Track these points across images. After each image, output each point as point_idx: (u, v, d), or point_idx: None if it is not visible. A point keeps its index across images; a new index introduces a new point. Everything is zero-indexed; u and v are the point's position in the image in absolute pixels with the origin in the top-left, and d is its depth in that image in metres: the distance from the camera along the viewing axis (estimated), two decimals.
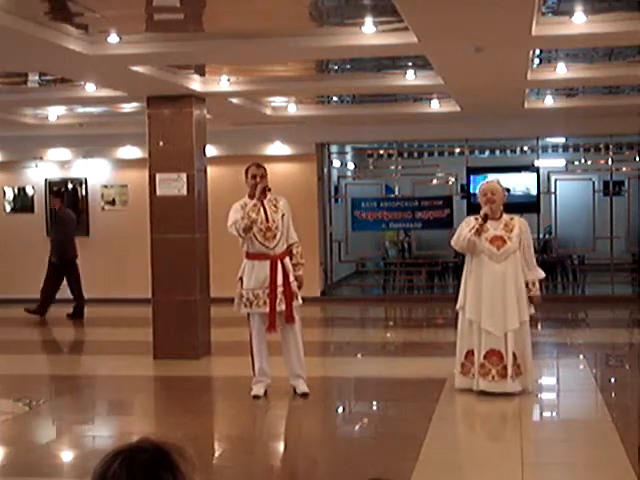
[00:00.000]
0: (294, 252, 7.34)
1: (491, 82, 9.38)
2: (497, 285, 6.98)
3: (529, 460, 5.42)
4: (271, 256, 7.13)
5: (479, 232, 7.04)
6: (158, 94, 9.30)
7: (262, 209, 7.19)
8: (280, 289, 7.11)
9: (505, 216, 7.21)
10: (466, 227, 7.14)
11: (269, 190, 7.25)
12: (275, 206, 7.29)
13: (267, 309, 7.10)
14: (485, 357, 6.97)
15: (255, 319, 7.23)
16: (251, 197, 7.23)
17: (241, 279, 7.23)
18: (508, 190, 13.93)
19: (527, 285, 7.10)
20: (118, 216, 14.69)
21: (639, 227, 14.67)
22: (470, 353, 7.09)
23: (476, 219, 7.17)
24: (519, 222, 7.22)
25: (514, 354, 6.98)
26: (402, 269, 15.13)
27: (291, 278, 7.21)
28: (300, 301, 7.31)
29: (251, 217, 7.05)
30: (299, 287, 7.29)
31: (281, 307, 7.12)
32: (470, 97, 10.67)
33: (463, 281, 7.23)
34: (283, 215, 7.27)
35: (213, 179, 10.96)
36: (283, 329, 7.23)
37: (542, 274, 7.31)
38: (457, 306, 7.22)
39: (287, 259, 7.23)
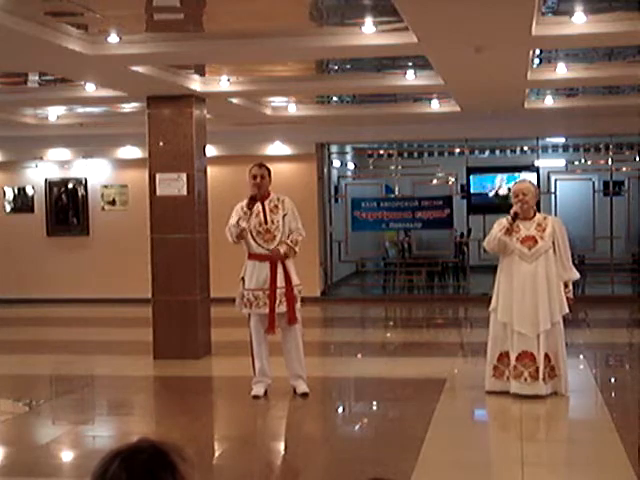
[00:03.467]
0: (288, 241, 7.17)
1: (491, 82, 9.38)
2: (528, 285, 6.90)
3: (529, 460, 5.42)
4: (271, 257, 7.13)
5: (509, 231, 6.98)
6: (158, 94, 9.31)
7: (261, 211, 7.17)
8: (281, 290, 7.10)
9: (538, 215, 7.13)
10: (497, 227, 7.07)
11: (257, 198, 7.14)
12: (276, 206, 7.25)
13: (267, 310, 7.10)
14: (517, 359, 6.90)
15: (255, 320, 7.22)
16: (251, 197, 7.21)
17: (243, 279, 7.22)
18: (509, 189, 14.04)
19: (566, 285, 7.05)
20: (118, 216, 14.70)
21: (639, 227, 14.68)
22: (503, 355, 7.00)
23: (508, 220, 7.13)
24: (553, 221, 7.14)
25: (547, 356, 6.92)
26: (402, 269, 15.13)
27: (293, 280, 7.19)
28: (299, 305, 7.27)
29: (240, 227, 7.05)
30: (286, 254, 7.13)
31: (281, 308, 7.11)
32: (470, 97, 10.67)
33: (496, 283, 7.15)
34: (284, 215, 7.24)
35: (213, 179, 10.96)
36: (283, 330, 7.23)
37: (576, 275, 7.16)
38: (490, 307, 7.14)
39: (289, 260, 7.21)
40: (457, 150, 15.10)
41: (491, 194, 15.22)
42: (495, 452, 6.05)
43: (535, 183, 13.97)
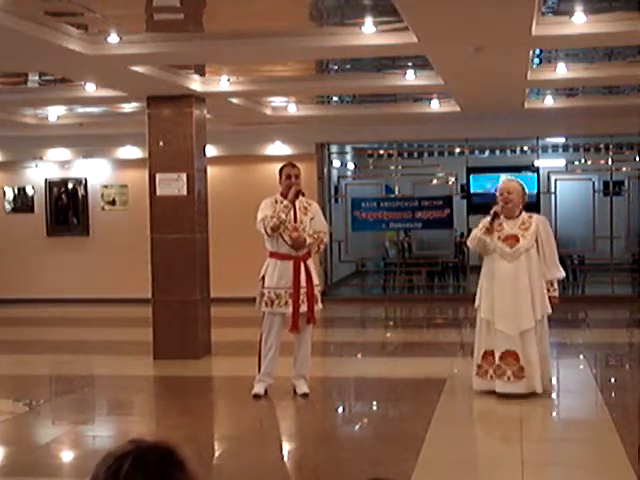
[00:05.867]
0: (315, 236, 7.22)
1: (491, 82, 9.38)
2: (509, 284, 6.91)
3: (529, 460, 5.42)
4: (294, 257, 7.13)
5: (489, 231, 7.00)
6: (158, 94, 9.30)
7: (292, 209, 7.19)
8: (303, 290, 7.11)
9: (524, 215, 7.12)
10: (480, 226, 7.11)
11: (303, 195, 7.26)
12: (306, 209, 7.30)
13: (289, 310, 7.11)
14: (501, 358, 6.92)
15: (275, 319, 7.22)
16: (283, 196, 7.23)
17: (263, 278, 7.21)
18: None
19: (552, 284, 7.02)
20: (118, 216, 14.70)
21: (639, 227, 14.68)
22: (488, 354, 7.01)
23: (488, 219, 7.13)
24: (537, 220, 7.12)
25: (517, 355, 6.90)
26: (402, 269, 15.13)
27: (314, 280, 7.22)
28: (320, 305, 7.34)
29: (280, 217, 7.04)
30: (303, 241, 7.16)
31: (302, 308, 7.13)
32: (470, 97, 10.67)
33: (480, 281, 7.18)
34: (312, 219, 7.27)
35: (213, 179, 10.96)
36: (300, 329, 7.23)
37: (559, 274, 7.13)
38: (475, 305, 7.18)
39: (310, 260, 7.23)
40: (457, 150, 15.09)
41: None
42: (495, 452, 6.05)
43: (535, 183, 14.10)
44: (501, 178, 7.58)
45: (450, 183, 14.90)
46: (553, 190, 14.42)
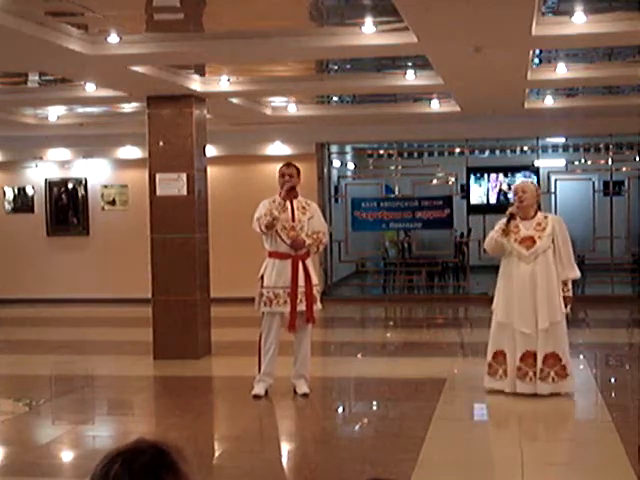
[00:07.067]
0: (314, 236, 7.22)
1: (491, 82, 9.38)
2: (527, 286, 6.90)
3: (529, 460, 5.42)
4: (293, 256, 7.13)
5: (505, 232, 6.99)
6: (158, 94, 9.31)
7: (290, 208, 7.19)
8: (301, 289, 7.11)
9: (539, 215, 7.11)
10: (497, 227, 7.11)
11: (293, 189, 7.23)
12: (304, 208, 7.30)
13: (287, 309, 7.11)
14: (521, 359, 6.91)
15: (274, 319, 7.21)
16: (280, 196, 7.24)
17: (262, 278, 7.21)
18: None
19: (565, 284, 7.00)
20: (118, 216, 14.70)
21: (639, 227, 14.68)
22: (498, 354, 7.02)
23: (504, 221, 7.13)
24: (553, 220, 7.11)
25: (557, 355, 6.90)
26: (402, 269, 15.13)
27: (313, 280, 7.21)
28: (320, 305, 7.33)
29: (273, 215, 7.03)
30: (302, 242, 7.16)
31: (300, 307, 7.13)
32: (470, 97, 10.67)
33: (498, 283, 7.17)
34: (310, 218, 7.26)
35: (213, 179, 10.97)
36: (298, 329, 7.24)
37: (575, 274, 7.08)
38: (492, 306, 7.18)
39: (309, 260, 7.23)
40: (457, 150, 15.10)
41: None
42: (495, 452, 6.05)
43: (535, 183, 14.09)
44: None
45: (450, 183, 14.91)
46: (553, 190, 14.42)
